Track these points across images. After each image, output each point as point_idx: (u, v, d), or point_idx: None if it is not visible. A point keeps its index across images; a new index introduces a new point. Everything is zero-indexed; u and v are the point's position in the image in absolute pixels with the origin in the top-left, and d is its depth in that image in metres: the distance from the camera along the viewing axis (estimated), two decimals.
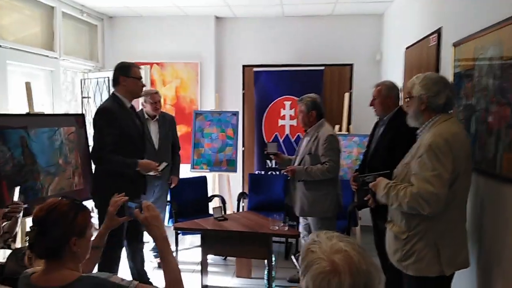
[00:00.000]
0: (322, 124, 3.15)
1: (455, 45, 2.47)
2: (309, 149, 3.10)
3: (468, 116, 2.30)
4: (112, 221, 1.66)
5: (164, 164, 3.00)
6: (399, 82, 3.30)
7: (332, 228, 3.13)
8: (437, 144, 1.83)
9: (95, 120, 2.73)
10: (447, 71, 2.60)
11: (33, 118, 3.03)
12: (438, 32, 2.81)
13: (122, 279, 1.35)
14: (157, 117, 3.71)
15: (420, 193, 1.83)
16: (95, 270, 1.67)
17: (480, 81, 2.16)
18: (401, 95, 2.69)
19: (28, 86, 3.09)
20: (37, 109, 3.24)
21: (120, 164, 2.71)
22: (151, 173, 2.92)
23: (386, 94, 2.66)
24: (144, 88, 3.01)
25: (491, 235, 2.07)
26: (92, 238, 1.48)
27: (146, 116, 3.67)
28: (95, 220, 2.44)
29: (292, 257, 3.78)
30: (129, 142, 2.75)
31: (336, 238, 0.98)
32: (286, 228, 3.26)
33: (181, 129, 5.15)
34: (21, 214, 2.32)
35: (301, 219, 3.40)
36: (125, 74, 2.78)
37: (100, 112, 2.73)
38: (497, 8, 1.99)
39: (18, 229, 2.38)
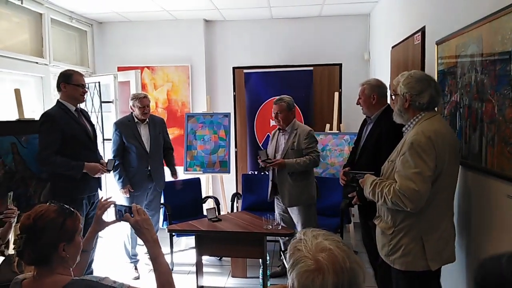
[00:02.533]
0: (295, 122, 3.49)
1: (438, 43, 2.53)
2: (291, 145, 3.37)
3: (453, 113, 2.36)
4: (99, 225, 1.67)
5: (111, 161, 3.18)
6: (387, 80, 3.35)
7: (315, 213, 3.44)
8: (419, 142, 1.88)
9: (38, 126, 2.89)
10: (432, 69, 2.65)
11: (23, 125, 3.03)
12: (422, 31, 2.87)
13: (114, 281, 1.36)
14: (147, 120, 3.73)
15: (402, 190, 1.87)
16: None
17: (462, 78, 2.22)
18: (389, 93, 2.73)
19: (17, 93, 3.09)
20: (28, 115, 3.24)
21: (64, 166, 2.86)
22: (99, 175, 3.06)
23: (369, 94, 2.70)
24: (133, 92, 3.06)
25: (478, 228, 2.12)
26: None
27: (136, 120, 3.69)
28: None
29: (281, 253, 3.84)
30: (76, 142, 2.93)
31: (321, 237, 1.00)
32: (280, 227, 3.30)
33: (173, 132, 5.17)
34: (15, 220, 2.32)
35: (278, 213, 3.58)
36: (66, 81, 2.96)
37: (41, 117, 2.91)
38: (477, 6, 2.04)
39: (11, 235, 2.38)
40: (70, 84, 2.96)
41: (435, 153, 1.87)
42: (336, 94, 4.52)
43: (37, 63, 4.17)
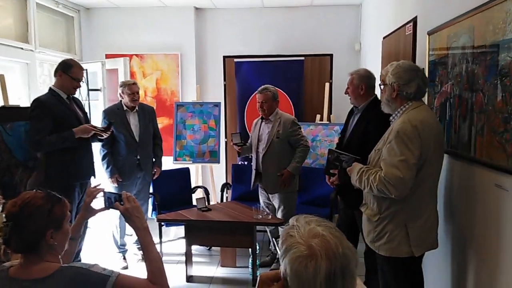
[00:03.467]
0: (278, 111, 3.53)
1: (430, 33, 2.53)
2: (276, 133, 3.42)
3: (444, 103, 2.37)
4: (88, 212, 1.65)
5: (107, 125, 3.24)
6: (377, 71, 3.36)
7: (295, 200, 3.56)
8: (405, 131, 1.91)
9: (29, 112, 2.89)
10: (423, 59, 2.66)
11: (8, 112, 2.96)
12: (414, 21, 2.87)
13: (104, 269, 1.35)
14: (136, 108, 3.67)
15: (387, 178, 1.90)
16: None
17: (453, 68, 2.23)
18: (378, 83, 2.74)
19: (1, 78, 3.01)
20: (13, 102, 3.17)
21: (57, 140, 2.86)
22: (102, 136, 3.12)
23: (357, 84, 2.71)
24: (121, 80, 3.03)
25: (464, 217, 2.15)
26: None
27: (125, 108, 3.63)
28: None
29: (273, 240, 3.86)
30: (67, 128, 2.92)
31: (314, 223, 1.00)
32: (270, 216, 3.31)
33: (162, 121, 5.12)
34: (0, 207, 2.28)
35: (262, 201, 3.63)
36: (64, 70, 2.98)
37: (33, 103, 2.91)
38: None
39: None
40: (67, 75, 2.97)
41: (420, 142, 1.90)
42: (327, 84, 4.51)
43: (22, 48, 4.07)
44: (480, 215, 1.97)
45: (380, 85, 2.17)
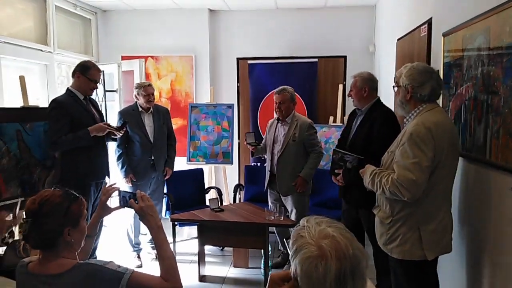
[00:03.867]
0: (295, 113, 3.50)
1: (445, 35, 2.50)
2: (292, 136, 3.40)
3: (458, 105, 2.34)
4: (104, 210, 1.68)
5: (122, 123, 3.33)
6: (391, 73, 3.33)
7: (308, 202, 3.57)
8: (418, 133, 1.89)
9: (47, 112, 2.96)
10: (438, 61, 2.63)
11: (28, 112, 3.04)
12: (429, 22, 2.84)
13: (119, 266, 1.37)
14: (151, 110, 3.73)
15: (400, 180, 1.89)
16: None
17: (468, 70, 2.20)
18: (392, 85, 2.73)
19: (22, 80, 3.09)
20: (32, 103, 3.25)
21: (73, 140, 2.92)
22: (116, 136, 3.19)
23: (360, 86, 2.74)
24: (137, 81, 3.08)
25: (479, 221, 2.12)
26: None
27: (140, 109, 3.69)
28: None
29: (284, 240, 3.87)
30: (83, 127, 2.97)
31: (325, 224, 1.00)
32: (282, 218, 3.31)
33: (177, 122, 5.18)
34: (18, 208, 2.35)
35: (271, 202, 3.65)
36: (82, 72, 3.04)
37: (51, 104, 2.98)
38: None
39: (18, 221, 2.42)
40: (85, 76, 3.03)
41: (434, 144, 1.88)
42: (340, 86, 4.50)
43: (41, 50, 4.17)
44: (495, 219, 1.94)
45: (393, 87, 2.16)
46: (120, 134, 3.22)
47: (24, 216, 1.36)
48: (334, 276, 0.91)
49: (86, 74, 3.03)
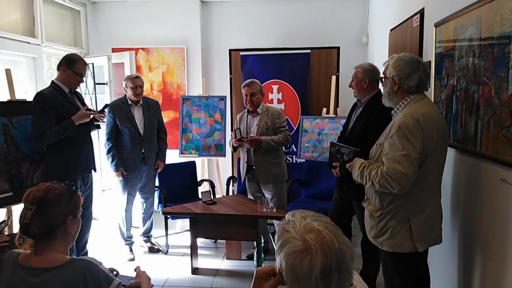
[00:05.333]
0: (263, 104, 3.63)
1: (436, 25, 2.48)
2: (265, 125, 3.52)
3: (450, 96, 2.33)
4: None
5: (103, 106, 3.25)
6: (384, 64, 3.31)
7: (286, 189, 3.64)
8: (407, 125, 1.87)
9: (32, 106, 2.89)
10: (430, 51, 2.62)
11: (15, 106, 2.99)
12: (421, 12, 2.82)
13: (110, 271, 1.42)
14: (141, 102, 3.68)
15: (389, 172, 1.88)
16: None
17: (460, 60, 2.19)
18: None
19: (8, 73, 3.03)
20: (20, 96, 3.20)
21: (58, 131, 2.87)
22: (99, 121, 3.15)
23: (361, 77, 2.71)
24: (127, 74, 3.03)
25: (470, 211, 2.12)
26: None
27: (130, 102, 3.64)
28: None
29: (270, 235, 3.88)
30: None
31: (310, 218, 0.99)
32: (274, 210, 3.31)
33: (169, 115, 5.13)
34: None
35: (251, 193, 3.70)
36: (68, 65, 2.98)
37: (35, 97, 2.92)
38: None
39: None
40: (71, 70, 2.97)
41: (423, 136, 1.87)
42: (334, 77, 4.47)
43: (29, 43, 4.09)
44: (486, 210, 1.94)
45: (381, 78, 2.14)
46: (102, 118, 3.17)
47: (28, 204, 1.37)
48: (320, 271, 0.90)
49: (73, 67, 2.97)
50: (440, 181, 2.04)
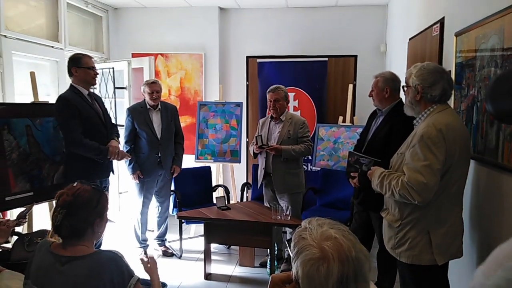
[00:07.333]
0: (288, 112, 3.58)
1: (457, 34, 2.45)
2: (287, 133, 3.44)
3: (470, 106, 2.29)
4: None
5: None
6: (403, 73, 3.28)
7: (301, 200, 3.59)
8: (429, 135, 1.84)
9: (55, 110, 2.94)
10: (450, 61, 2.58)
11: (38, 108, 3.06)
12: (441, 22, 2.79)
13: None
14: (159, 107, 3.74)
15: (410, 183, 1.84)
16: None
17: (481, 71, 2.15)
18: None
19: (32, 75, 3.12)
20: (42, 99, 3.28)
21: (95, 149, 2.93)
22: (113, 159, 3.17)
23: (382, 87, 2.64)
24: (146, 78, 3.06)
25: (491, 225, 2.07)
26: None
27: (148, 107, 3.70)
28: None
29: (285, 242, 3.85)
30: (90, 126, 2.97)
31: (327, 225, 0.98)
32: (289, 218, 3.29)
33: (185, 120, 5.19)
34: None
35: (267, 201, 3.66)
36: (76, 65, 2.97)
37: (57, 101, 2.94)
38: None
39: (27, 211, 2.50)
40: (81, 67, 2.96)
41: (445, 146, 1.83)
42: (351, 86, 4.45)
43: (52, 47, 4.21)
44: (507, 224, 1.89)
45: (403, 87, 2.12)
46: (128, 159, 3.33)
47: (58, 207, 1.46)
48: (337, 279, 0.89)
49: (81, 65, 2.96)
50: (462, 193, 1.99)
